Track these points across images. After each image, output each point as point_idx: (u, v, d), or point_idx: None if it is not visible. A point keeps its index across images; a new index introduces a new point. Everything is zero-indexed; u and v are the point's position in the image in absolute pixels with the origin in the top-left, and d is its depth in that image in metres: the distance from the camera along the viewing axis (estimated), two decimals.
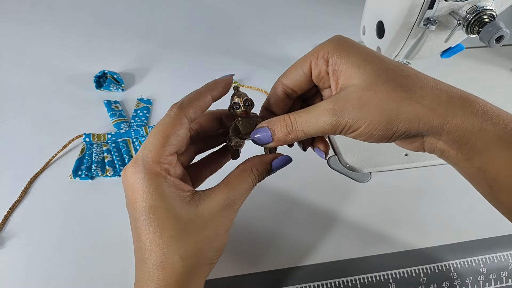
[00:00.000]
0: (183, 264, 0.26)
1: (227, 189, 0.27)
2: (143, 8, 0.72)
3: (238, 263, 0.36)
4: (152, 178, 0.26)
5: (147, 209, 0.26)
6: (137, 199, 0.26)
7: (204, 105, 0.29)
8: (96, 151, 0.45)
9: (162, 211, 0.26)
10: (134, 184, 0.26)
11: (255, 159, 0.29)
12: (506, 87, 0.58)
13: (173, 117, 0.27)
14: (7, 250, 0.37)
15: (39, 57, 0.59)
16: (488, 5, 0.37)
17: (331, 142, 0.49)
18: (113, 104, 0.52)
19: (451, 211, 0.42)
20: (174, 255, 0.26)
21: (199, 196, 0.27)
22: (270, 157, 0.29)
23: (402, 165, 0.46)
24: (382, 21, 0.44)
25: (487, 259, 0.38)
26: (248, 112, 0.30)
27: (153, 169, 0.26)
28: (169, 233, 0.26)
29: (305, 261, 0.37)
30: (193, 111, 0.28)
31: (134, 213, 0.26)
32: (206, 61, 0.61)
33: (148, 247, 0.26)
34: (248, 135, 0.30)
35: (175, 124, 0.27)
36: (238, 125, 0.30)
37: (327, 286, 0.35)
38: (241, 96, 0.29)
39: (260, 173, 0.29)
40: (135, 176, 0.26)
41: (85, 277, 0.35)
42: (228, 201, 0.27)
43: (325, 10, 0.74)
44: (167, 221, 0.26)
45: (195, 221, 0.26)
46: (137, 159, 0.26)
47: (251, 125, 0.29)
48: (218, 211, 0.27)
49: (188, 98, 0.28)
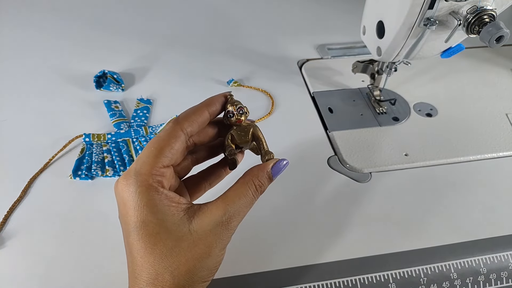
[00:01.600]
0: (174, 282, 0.25)
1: (224, 204, 0.26)
2: (143, 8, 0.72)
3: (238, 263, 0.36)
4: (144, 191, 0.25)
5: (138, 224, 0.25)
6: (128, 213, 0.26)
7: (201, 120, 0.29)
8: (96, 151, 0.45)
9: (153, 226, 0.25)
10: (125, 197, 0.26)
11: (254, 170, 0.28)
12: (506, 87, 0.58)
13: (168, 131, 0.27)
14: (7, 250, 0.36)
15: (39, 57, 0.59)
16: (488, 5, 0.37)
17: (331, 142, 0.49)
18: (113, 104, 0.52)
19: (451, 211, 0.42)
20: (164, 272, 0.25)
21: (193, 210, 0.26)
22: (269, 164, 0.28)
23: (402, 165, 0.46)
24: (382, 21, 0.44)
25: (487, 259, 0.38)
26: (243, 120, 0.29)
27: (145, 181, 0.25)
28: (160, 249, 0.25)
29: (305, 261, 0.37)
30: (189, 125, 0.28)
31: (126, 227, 0.26)
32: (206, 61, 0.61)
33: (139, 263, 0.25)
34: (244, 143, 0.29)
35: (170, 137, 0.27)
36: (233, 134, 0.29)
37: (327, 286, 0.35)
38: (234, 104, 0.29)
39: (262, 183, 0.28)
40: (126, 189, 0.26)
41: (85, 277, 0.35)
42: (225, 217, 0.26)
43: (325, 10, 0.74)
44: (158, 237, 0.25)
45: (187, 238, 0.25)
46: (130, 172, 0.26)
47: (246, 133, 0.29)
48: (213, 228, 0.26)
49: (185, 113, 0.28)
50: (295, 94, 0.56)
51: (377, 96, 0.54)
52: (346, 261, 0.37)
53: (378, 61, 0.51)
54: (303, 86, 0.57)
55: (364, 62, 0.53)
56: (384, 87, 0.54)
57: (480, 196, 0.43)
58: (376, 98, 0.54)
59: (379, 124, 0.51)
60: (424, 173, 0.46)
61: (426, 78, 0.59)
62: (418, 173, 0.46)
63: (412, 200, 0.42)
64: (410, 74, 0.59)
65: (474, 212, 0.41)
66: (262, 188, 0.28)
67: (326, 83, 0.58)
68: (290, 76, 0.59)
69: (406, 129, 0.51)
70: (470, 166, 0.47)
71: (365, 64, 0.53)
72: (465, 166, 0.46)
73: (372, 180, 0.44)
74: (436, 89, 0.57)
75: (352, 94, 0.56)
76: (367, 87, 0.55)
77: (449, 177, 0.45)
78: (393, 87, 0.57)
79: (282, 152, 0.47)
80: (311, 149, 0.48)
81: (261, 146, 0.30)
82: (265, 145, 0.30)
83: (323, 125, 0.51)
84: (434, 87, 0.57)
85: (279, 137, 0.48)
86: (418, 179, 0.45)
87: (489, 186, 0.44)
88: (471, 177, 0.45)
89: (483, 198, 0.43)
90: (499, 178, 0.45)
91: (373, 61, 0.52)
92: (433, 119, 0.52)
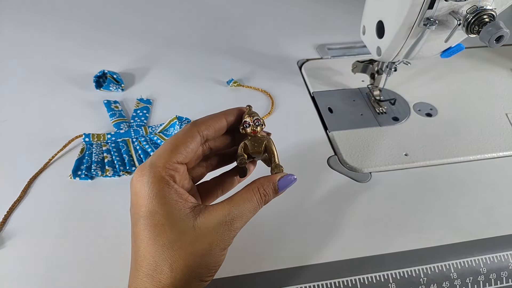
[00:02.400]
0: (171, 275, 0.25)
1: (228, 206, 0.27)
2: (143, 8, 0.72)
3: (238, 263, 0.36)
4: (156, 182, 0.26)
5: (146, 214, 0.26)
6: (138, 203, 0.26)
7: (218, 126, 0.30)
8: (96, 151, 0.45)
9: (159, 217, 0.26)
10: (138, 187, 0.27)
11: (261, 179, 0.29)
12: (506, 87, 0.58)
13: (186, 130, 0.29)
14: (7, 250, 0.36)
15: (39, 57, 0.59)
16: (488, 5, 0.37)
17: (331, 142, 0.49)
18: (113, 104, 0.52)
19: (451, 211, 0.42)
20: (163, 264, 0.25)
21: (199, 209, 0.27)
22: (276, 177, 0.29)
23: (402, 165, 0.46)
24: (382, 21, 0.44)
25: (487, 259, 0.38)
26: (258, 132, 0.30)
27: (158, 173, 0.26)
28: (163, 241, 0.25)
29: (305, 261, 0.37)
30: (205, 128, 0.29)
31: (135, 217, 0.27)
32: (206, 61, 0.61)
33: (141, 253, 0.26)
34: (256, 154, 0.30)
35: (186, 136, 0.28)
36: (246, 144, 0.30)
37: (327, 286, 0.35)
38: (252, 115, 0.31)
39: (267, 193, 0.29)
40: (140, 179, 0.27)
41: (85, 277, 0.35)
42: (228, 217, 0.27)
43: (325, 10, 0.74)
44: (163, 228, 0.26)
45: (190, 233, 0.26)
46: (145, 164, 0.27)
47: (259, 144, 0.30)
48: (216, 227, 0.26)
49: (203, 118, 0.30)
50: (295, 94, 0.56)
51: (377, 96, 0.54)
52: (346, 261, 0.37)
53: (378, 61, 0.51)
54: (303, 86, 0.57)
55: (364, 62, 0.53)
56: (384, 87, 0.54)
57: (480, 196, 0.43)
58: (376, 98, 0.54)
59: (379, 124, 0.51)
60: (424, 173, 0.46)
61: (426, 78, 0.59)
62: (418, 173, 0.46)
63: (412, 200, 0.42)
64: (410, 74, 0.59)
65: (474, 212, 0.41)
66: (266, 197, 0.29)
67: (326, 83, 0.58)
68: (290, 76, 0.59)
69: (406, 129, 0.51)
70: (470, 166, 0.47)
71: (365, 64, 0.53)
72: (465, 166, 0.46)
73: (372, 180, 0.44)
74: (436, 89, 0.57)
75: (352, 94, 0.56)
76: (367, 87, 0.55)
77: (449, 177, 0.45)
78: (393, 87, 0.57)
79: (282, 152, 0.46)
80: (311, 149, 0.48)
81: (272, 158, 0.30)
82: (276, 158, 0.30)
83: (323, 125, 0.51)
84: (434, 87, 0.57)
85: (279, 137, 0.48)
86: (418, 179, 0.45)
87: (489, 186, 0.44)
88: (471, 177, 0.45)
89: (483, 198, 0.43)
90: (499, 178, 0.45)
91: (373, 61, 0.52)
92: (433, 119, 0.52)
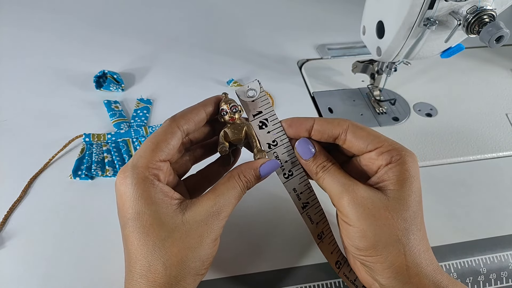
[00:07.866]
0: (166, 273, 0.25)
1: (213, 196, 0.27)
2: (143, 8, 0.72)
3: (237, 263, 0.36)
4: (140, 183, 0.26)
5: (133, 216, 0.26)
6: (124, 205, 0.26)
7: (197, 118, 0.29)
8: (96, 151, 0.45)
9: (147, 217, 0.26)
10: (122, 189, 0.26)
11: (243, 166, 0.29)
12: (506, 87, 0.58)
13: (165, 127, 0.28)
14: (7, 250, 0.36)
15: (39, 57, 0.59)
16: (488, 5, 0.37)
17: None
18: (113, 104, 0.52)
19: (451, 211, 0.42)
20: (157, 263, 0.25)
21: (186, 204, 0.27)
22: (257, 163, 0.29)
23: None
24: (382, 21, 0.44)
25: (487, 259, 0.38)
26: (236, 118, 0.30)
27: (141, 174, 0.26)
28: (153, 240, 0.25)
29: (305, 261, 0.37)
30: (185, 122, 0.29)
31: (123, 220, 0.27)
32: (206, 61, 0.61)
33: (133, 255, 0.26)
34: (237, 141, 0.30)
35: (166, 133, 0.28)
36: (226, 131, 0.30)
37: (327, 286, 0.35)
38: (228, 102, 0.30)
39: (248, 180, 0.29)
40: (123, 182, 0.26)
41: (85, 277, 0.35)
42: (215, 208, 0.27)
43: (325, 10, 0.74)
44: (152, 228, 0.26)
45: (180, 229, 0.26)
46: (127, 166, 0.27)
47: (239, 131, 0.30)
48: (204, 219, 0.27)
49: (181, 112, 0.29)
50: (295, 94, 0.56)
51: (377, 96, 0.54)
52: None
53: (378, 61, 0.51)
54: (303, 86, 0.57)
55: (364, 62, 0.53)
56: (384, 87, 0.54)
57: (480, 196, 0.43)
58: (376, 98, 0.54)
59: (379, 124, 0.51)
60: (424, 173, 0.45)
61: (426, 78, 0.59)
62: None
63: None
64: (410, 74, 0.59)
65: (474, 212, 0.41)
66: (248, 184, 0.29)
67: (326, 83, 0.58)
68: (290, 76, 0.59)
69: (406, 129, 0.51)
70: (470, 166, 0.47)
71: (365, 64, 0.53)
72: (465, 166, 0.46)
73: None
74: (436, 89, 0.57)
75: (352, 94, 0.56)
76: (367, 87, 0.55)
77: (449, 177, 0.45)
78: (393, 87, 0.57)
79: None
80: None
81: (254, 144, 0.30)
82: (257, 143, 0.30)
83: None
84: (434, 87, 0.57)
85: None
86: None
87: (489, 186, 0.44)
88: (471, 177, 0.45)
89: (483, 198, 0.43)
90: (499, 178, 0.45)
91: (373, 61, 0.52)
92: (433, 119, 0.52)
